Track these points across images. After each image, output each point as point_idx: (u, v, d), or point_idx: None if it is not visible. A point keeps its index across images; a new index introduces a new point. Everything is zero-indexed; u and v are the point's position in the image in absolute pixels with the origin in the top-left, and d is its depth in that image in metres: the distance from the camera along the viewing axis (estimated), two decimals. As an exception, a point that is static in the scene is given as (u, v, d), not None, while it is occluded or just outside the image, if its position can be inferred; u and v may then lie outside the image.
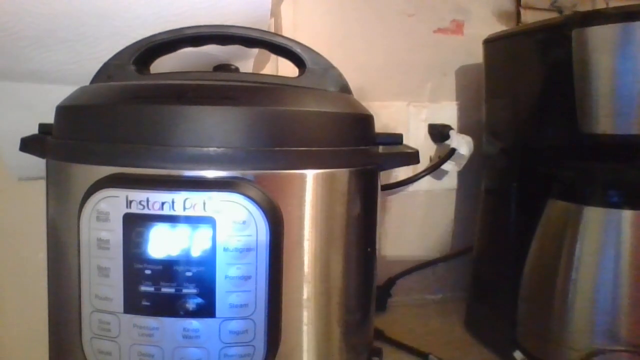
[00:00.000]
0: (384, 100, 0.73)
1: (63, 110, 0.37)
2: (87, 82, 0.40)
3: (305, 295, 0.35)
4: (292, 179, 0.34)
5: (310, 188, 0.34)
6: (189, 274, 0.32)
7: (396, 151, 0.39)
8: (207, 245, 0.31)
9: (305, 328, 0.35)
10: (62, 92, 0.37)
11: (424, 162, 0.73)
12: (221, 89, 0.35)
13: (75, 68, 0.47)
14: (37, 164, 0.38)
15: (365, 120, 0.39)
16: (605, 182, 0.51)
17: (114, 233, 0.32)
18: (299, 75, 0.41)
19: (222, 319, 0.32)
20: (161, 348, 0.32)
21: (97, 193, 0.32)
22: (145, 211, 0.31)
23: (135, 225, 0.32)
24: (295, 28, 0.68)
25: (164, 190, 0.31)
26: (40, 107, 0.39)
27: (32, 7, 0.42)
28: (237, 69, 0.44)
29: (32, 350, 0.47)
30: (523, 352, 0.57)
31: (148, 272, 0.32)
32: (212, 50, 0.46)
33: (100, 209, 0.32)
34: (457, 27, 0.75)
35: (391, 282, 0.76)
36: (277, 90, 0.37)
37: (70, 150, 0.35)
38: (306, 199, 0.34)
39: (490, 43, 0.65)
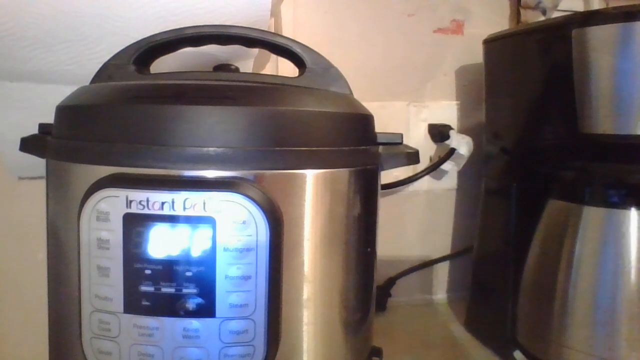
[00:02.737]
0: (384, 100, 0.73)
1: (63, 110, 0.37)
2: (87, 82, 0.40)
3: (305, 295, 0.35)
4: (292, 179, 0.34)
5: (310, 188, 0.34)
6: (189, 273, 0.32)
7: (396, 151, 0.39)
8: (207, 245, 0.31)
9: (305, 328, 0.35)
10: (62, 92, 0.37)
11: (424, 162, 0.73)
12: (221, 89, 0.35)
13: (75, 68, 0.47)
14: (37, 164, 0.38)
15: (365, 120, 0.39)
16: (605, 182, 0.51)
17: (114, 233, 0.32)
18: (299, 75, 0.41)
19: (222, 319, 0.32)
20: (161, 348, 0.32)
21: (97, 193, 0.32)
22: (145, 211, 0.31)
23: (135, 225, 0.32)
24: (295, 28, 0.68)
25: (164, 190, 0.31)
26: (40, 107, 0.39)
27: (33, 7, 0.42)
28: (237, 69, 0.44)
29: (32, 350, 0.48)
30: (523, 352, 0.57)
31: (148, 272, 0.32)
32: (212, 50, 0.46)
33: (100, 209, 0.32)
34: (457, 27, 0.75)
35: (391, 282, 0.76)
36: (277, 90, 0.37)
37: (70, 150, 0.35)
38: (306, 199, 0.34)
39: (490, 43, 0.65)
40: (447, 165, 0.72)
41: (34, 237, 0.44)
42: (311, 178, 0.34)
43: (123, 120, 0.33)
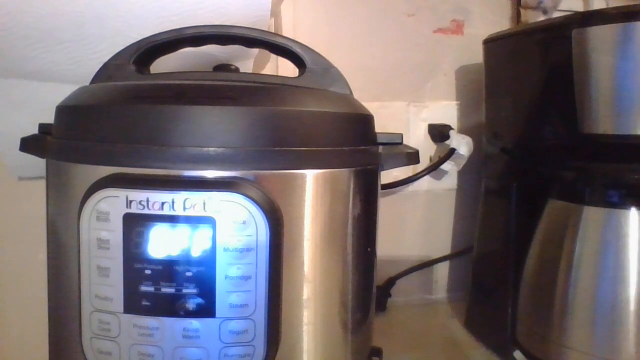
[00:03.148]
0: (384, 100, 0.73)
1: (63, 110, 0.37)
2: (87, 82, 0.40)
3: (305, 295, 0.35)
4: (292, 179, 0.34)
5: (310, 188, 0.34)
6: (189, 274, 0.32)
7: (396, 151, 0.39)
8: (207, 245, 0.31)
9: (305, 328, 0.35)
10: (62, 92, 0.37)
11: (424, 162, 0.73)
12: (221, 89, 0.35)
13: (76, 68, 0.47)
14: (37, 164, 0.38)
15: (365, 120, 0.39)
16: (605, 182, 0.51)
17: (114, 233, 0.32)
18: (299, 75, 0.41)
19: (222, 319, 0.32)
20: (161, 348, 0.32)
21: (97, 193, 0.32)
22: (145, 211, 0.31)
23: (135, 225, 0.32)
24: (295, 28, 0.68)
25: (164, 190, 0.31)
26: (41, 107, 0.39)
27: (33, 7, 0.42)
28: (237, 69, 0.44)
29: (32, 350, 0.47)
30: (523, 352, 0.57)
31: (148, 272, 0.32)
32: (212, 50, 0.46)
33: (100, 209, 0.32)
34: (457, 27, 0.75)
35: (391, 282, 0.76)
36: (277, 90, 0.37)
37: (70, 150, 0.35)
38: (306, 199, 0.34)
39: (490, 43, 0.65)
40: (447, 165, 0.72)
41: (33, 237, 0.44)
42: (311, 178, 0.34)
43: (123, 120, 0.33)
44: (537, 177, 0.58)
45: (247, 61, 0.56)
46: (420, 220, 0.78)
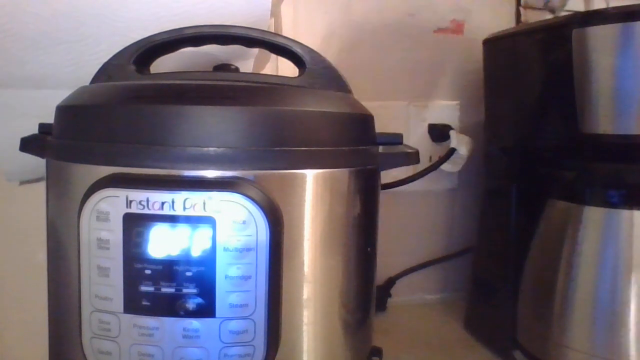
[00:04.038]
0: (384, 100, 0.73)
1: (63, 110, 0.37)
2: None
3: (305, 295, 0.35)
4: (292, 179, 0.34)
5: (310, 188, 0.34)
6: (189, 273, 0.32)
7: (396, 151, 0.39)
8: (207, 245, 0.31)
9: (305, 328, 0.35)
10: (60, 98, 0.37)
11: (424, 162, 0.73)
12: (221, 89, 0.35)
13: (74, 70, 0.47)
14: (35, 169, 0.38)
15: (365, 120, 0.39)
16: (605, 182, 0.51)
17: (114, 233, 0.32)
18: (299, 75, 0.41)
19: (222, 319, 0.32)
20: (161, 348, 0.32)
21: (97, 193, 0.32)
22: (145, 211, 0.31)
23: (135, 225, 0.32)
24: (295, 28, 0.68)
25: (164, 190, 0.31)
26: (39, 114, 0.39)
27: (31, 7, 0.42)
28: (237, 69, 0.44)
29: (32, 350, 0.48)
30: (523, 352, 0.57)
31: (148, 272, 0.32)
32: (212, 50, 0.45)
33: (100, 209, 0.32)
34: (457, 27, 0.75)
35: (391, 282, 0.76)
36: (277, 90, 0.37)
37: (70, 150, 0.35)
38: (306, 199, 0.34)
39: (490, 43, 0.65)
40: (447, 165, 0.72)
41: (34, 237, 0.44)
42: (311, 178, 0.34)
43: (123, 120, 0.33)
44: (537, 177, 0.58)
45: (247, 61, 0.56)
46: (420, 220, 0.78)
